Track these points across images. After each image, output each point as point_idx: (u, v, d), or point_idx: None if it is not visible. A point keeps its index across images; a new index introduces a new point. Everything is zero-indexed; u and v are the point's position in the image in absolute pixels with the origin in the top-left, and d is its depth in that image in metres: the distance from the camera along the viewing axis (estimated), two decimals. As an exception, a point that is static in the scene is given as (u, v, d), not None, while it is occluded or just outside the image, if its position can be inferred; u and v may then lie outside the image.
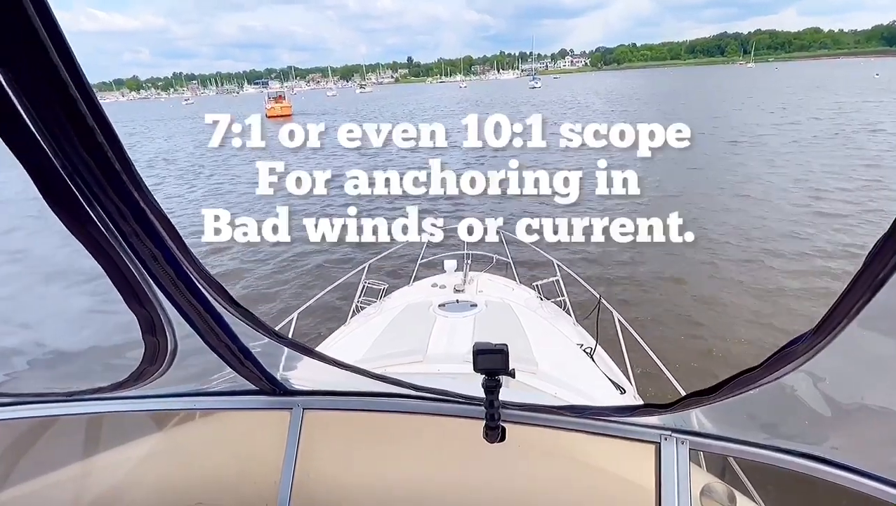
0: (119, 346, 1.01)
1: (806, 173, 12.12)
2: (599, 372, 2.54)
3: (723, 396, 0.87)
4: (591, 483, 1.32)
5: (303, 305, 3.68)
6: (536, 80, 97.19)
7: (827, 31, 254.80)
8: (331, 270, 7.65)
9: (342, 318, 4.09)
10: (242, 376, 1.20)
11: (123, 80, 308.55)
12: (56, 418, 1.44)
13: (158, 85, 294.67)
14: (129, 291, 0.72)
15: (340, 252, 8.35)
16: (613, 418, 1.19)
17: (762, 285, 6.30)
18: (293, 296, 6.99)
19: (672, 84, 71.61)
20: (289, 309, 6.44)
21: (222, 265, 8.17)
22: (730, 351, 4.93)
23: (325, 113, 50.94)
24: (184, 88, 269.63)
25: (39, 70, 0.40)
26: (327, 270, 7.72)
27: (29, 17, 0.37)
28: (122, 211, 0.56)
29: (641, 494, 1.15)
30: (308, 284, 7.38)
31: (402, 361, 2.31)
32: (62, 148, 0.47)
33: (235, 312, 0.86)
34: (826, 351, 0.63)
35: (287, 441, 1.35)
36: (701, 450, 1.15)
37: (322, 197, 7.37)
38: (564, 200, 4.00)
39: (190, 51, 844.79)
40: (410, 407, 1.34)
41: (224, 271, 7.90)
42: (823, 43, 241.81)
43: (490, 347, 1.01)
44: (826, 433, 1.00)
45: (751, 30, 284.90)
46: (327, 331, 3.95)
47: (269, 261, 8.33)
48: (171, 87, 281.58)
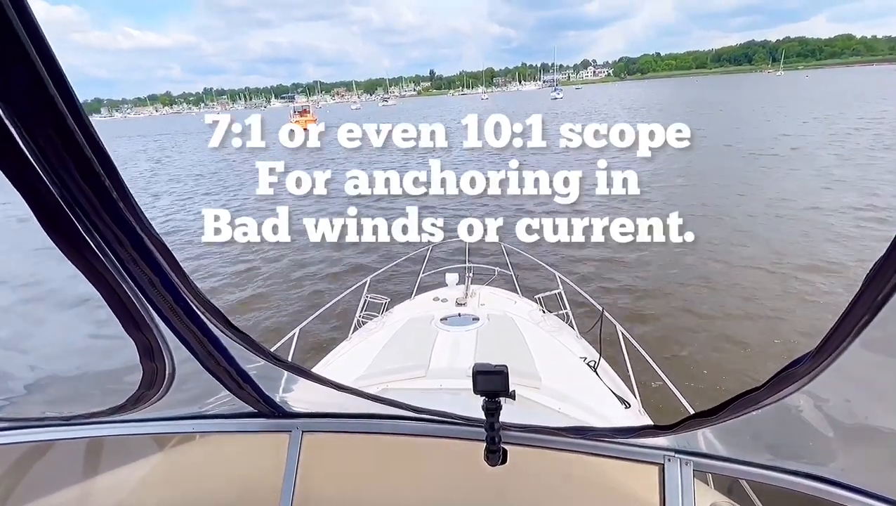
0: (117, 370, 1.02)
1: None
2: (603, 386, 2.50)
3: (726, 416, 0.86)
4: (594, 504, 1.30)
5: (304, 320, 3.71)
6: (558, 90, 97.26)
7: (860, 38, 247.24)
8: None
9: (345, 329, 4.10)
10: (241, 400, 1.20)
11: (157, 95, 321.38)
12: (54, 442, 1.43)
13: (190, 100, 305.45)
14: (128, 317, 0.73)
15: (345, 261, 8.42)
16: (616, 439, 1.18)
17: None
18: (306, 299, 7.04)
19: (700, 92, 69.48)
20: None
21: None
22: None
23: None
24: (214, 103, 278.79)
25: (37, 102, 0.41)
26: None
27: (26, 51, 0.38)
28: (119, 238, 0.57)
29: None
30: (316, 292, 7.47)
31: (405, 376, 2.30)
32: (59, 177, 0.48)
33: (233, 336, 0.86)
34: (828, 372, 0.63)
35: (286, 464, 1.33)
36: (706, 471, 1.14)
37: (323, 197, 7.44)
38: (564, 200, 3.96)
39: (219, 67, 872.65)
40: (411, 429, 1.33)
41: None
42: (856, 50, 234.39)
43: (490, 369, 0.99)
44: (831, 454, 0.98)
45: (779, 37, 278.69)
46: (329, 345, 3.96)
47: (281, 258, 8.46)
48: (202, 102, 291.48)
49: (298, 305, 6.91)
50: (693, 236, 3.83)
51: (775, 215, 9.38)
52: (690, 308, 5.92)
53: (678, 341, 5.21)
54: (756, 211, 9.81)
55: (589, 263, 7.48)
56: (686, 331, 5.42)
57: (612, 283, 6.85)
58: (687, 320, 5.65)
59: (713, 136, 20.51)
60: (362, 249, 8.62)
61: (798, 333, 5.15)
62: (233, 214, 3.87)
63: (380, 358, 2.60)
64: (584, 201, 5.46)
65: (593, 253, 7.60)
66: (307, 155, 11.01)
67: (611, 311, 3.62)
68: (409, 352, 2.65)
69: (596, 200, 6.82)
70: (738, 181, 12.54)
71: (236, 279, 8.12)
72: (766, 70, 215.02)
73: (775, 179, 12.43)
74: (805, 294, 6.03)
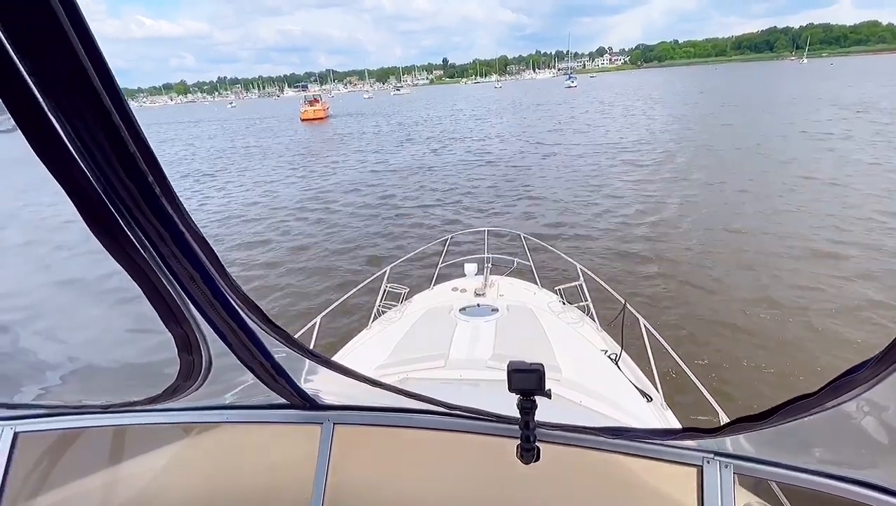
0: (154, 363, 1.04)
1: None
2: (625, 379, 2.46)
3: (775, 422, 0.84)
4: (629, 505, 1.27)
5: (325, 308, 3.71)
6: (573, 79, 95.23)
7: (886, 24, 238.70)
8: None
9: (364, 319, 4.08)
10: (274, 391, 1.21)
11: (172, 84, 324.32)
12: (90, 429, 1.49)
13: (204, 89, 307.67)
14: (167, 312, 0.74)
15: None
16: (654, 440, 1.16)
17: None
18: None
19: (732, 84, 58.76)
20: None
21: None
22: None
23: (362, 115, 51.88)
24: (228, 92, 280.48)
25: (83, 98, 0.41)
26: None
27: (73, 46, 0.38)
28: (161, 234, 0.57)
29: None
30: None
31: (424, 366, 2.29)
32: (104, 173, 0.48)
33: (268, 329, 0.88)
34: (890, 380, 0.61)
35: (318, 456, 1.36)
36: (746, 474, 1.11)
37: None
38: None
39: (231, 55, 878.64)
40: (441, 424, 1.33)
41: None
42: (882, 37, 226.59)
43: (525, 367, 0.98)
44: (885, 462, 0.95)
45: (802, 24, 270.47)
46: (349, 334, 3.95)
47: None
48: (216, 91, 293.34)
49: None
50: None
51: None
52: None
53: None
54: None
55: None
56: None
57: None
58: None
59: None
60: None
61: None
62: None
63: (399, 348, 2.60)
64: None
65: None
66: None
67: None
68: (428, 342, 2.64)
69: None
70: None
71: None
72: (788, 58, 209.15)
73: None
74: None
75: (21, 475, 1.46)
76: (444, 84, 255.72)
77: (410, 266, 6.68)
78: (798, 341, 4.97)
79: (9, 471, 1.44)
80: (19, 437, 1.47)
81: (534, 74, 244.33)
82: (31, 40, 0.37)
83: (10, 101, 0.41)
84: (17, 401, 1.33)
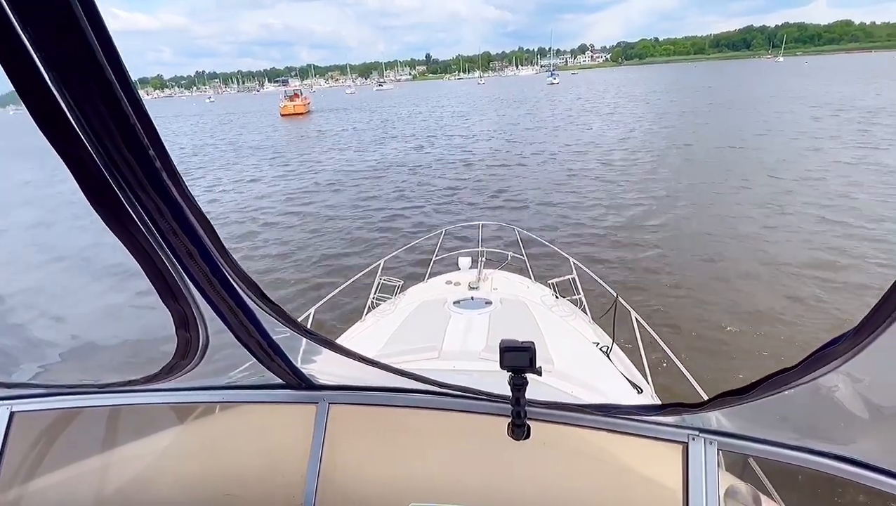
0: (152, 340, 1.02)
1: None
2: (616, 371, 2.49)
3: (756, 396, 0.85)
4: (616, 482, 1.30)
5: (320, 299, 3.67)
6: (555, 75, 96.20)
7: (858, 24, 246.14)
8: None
9: (359, 312, 4.03)
10: (271, 371, 1.22)
11: (148, 78, 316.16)
12: (87, 408, 1.49)
13: (182, 83, 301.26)
14: (165, 288, 0.74)
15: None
16: (640, 416, 1.19)
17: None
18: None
19: (711, 81, 59.26)
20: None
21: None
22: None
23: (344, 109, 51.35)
24: (206, 86, 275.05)
25: (85, 70, 0.41)
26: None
27: (77, 19, 0.38)
28: (160, 209, 0.56)
29: (668, 493, 1.15)
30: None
31: (418, 357, 2.29)
32: (104, 146, 0.47)
33: (266, 308, 0.87)
34: (867, 351, 0.62)
35: (313, 435, 1.38)
36: (730, 450, 1.14)
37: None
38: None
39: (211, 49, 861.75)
40: (436, 403, 1.36)
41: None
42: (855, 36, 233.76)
43: (517, 345, 1.00)
44: (862, 436, 0.98)
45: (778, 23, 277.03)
46: (343, 326, 3.90)
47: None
48: (194, 86, 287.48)
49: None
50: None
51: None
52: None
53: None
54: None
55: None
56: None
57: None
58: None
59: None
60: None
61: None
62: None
63: (393, 339, 2.60)
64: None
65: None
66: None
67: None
68: (422, 334, 2.65)
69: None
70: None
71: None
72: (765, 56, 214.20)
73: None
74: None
75: (18, 455, 1.45)
76: (427, 80, 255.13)
77: (404, 259, 6.64)
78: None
79: (4, 451, 1.43)
80: (16, 416, 1.45)
81: (516, 71, 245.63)
82: (35, 13, 0.37)
83: (14, 74, 0.41)
84: (15, 380, 1.33)
